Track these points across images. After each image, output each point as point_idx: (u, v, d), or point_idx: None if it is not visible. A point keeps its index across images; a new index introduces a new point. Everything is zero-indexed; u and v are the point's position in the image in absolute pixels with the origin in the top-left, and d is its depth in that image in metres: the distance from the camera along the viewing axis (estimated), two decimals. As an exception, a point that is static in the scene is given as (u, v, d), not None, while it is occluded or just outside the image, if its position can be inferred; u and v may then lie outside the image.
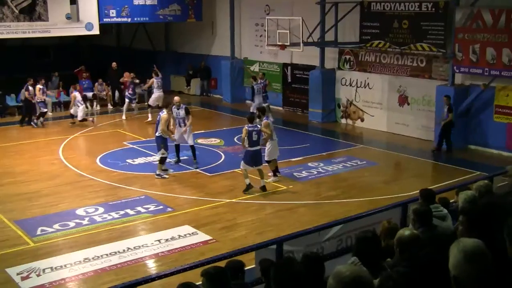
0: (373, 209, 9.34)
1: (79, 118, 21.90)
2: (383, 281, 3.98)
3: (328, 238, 8.11)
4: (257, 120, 14.86)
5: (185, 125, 16.32)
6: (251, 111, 19.93)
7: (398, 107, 20.22)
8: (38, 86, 22.37)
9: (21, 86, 23.45)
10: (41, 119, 22.27)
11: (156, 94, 23.18)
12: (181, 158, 16.91)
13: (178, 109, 16.37)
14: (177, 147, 16.68)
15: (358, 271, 3.39)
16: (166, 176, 15.52)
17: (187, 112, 16.45)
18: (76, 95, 22.01)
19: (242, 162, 14.25)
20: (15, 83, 24.39)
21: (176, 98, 16.88)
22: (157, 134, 15.48)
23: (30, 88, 22.42)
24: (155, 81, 23.28)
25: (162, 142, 15.40)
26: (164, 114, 15.51)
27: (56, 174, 16.07)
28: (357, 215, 8.98)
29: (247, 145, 14.03)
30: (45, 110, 22.61)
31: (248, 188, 14.05)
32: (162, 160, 15.52)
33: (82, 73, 27.48)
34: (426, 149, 18.30)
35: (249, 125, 14.22)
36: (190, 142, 16.46)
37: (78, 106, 21.87)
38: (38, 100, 22.24)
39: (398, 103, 20.26)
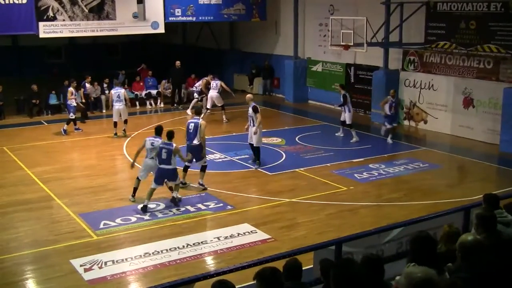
0: (435, 213, 9.18)
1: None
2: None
3: (388, 241, 8.02)
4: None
5: (253, 125, 15.95)
6: (345, 120, 19.39)
7: (463, 109, 19.79)
8: (70, 89, 20.95)
9: (89, 83, 24.15)
10: (65, 126, 20.59)
11: (210, 93, 23.01)
12: (242, 156, 17.06)
13: (249, 107, 16.14)
14: (251, 147, 16.45)
15: (429, 273, 3.37)
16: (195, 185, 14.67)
17: (254, 110, 15.93)
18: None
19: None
20: (84, 80, 25.03)
21: (248, 96, 16.78)
22: (196, 142, 14.38)
23: (87, 85, 22.94)
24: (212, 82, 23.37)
25: (202, 151, 14.51)
26: (203, 121, 14.73)
27: (121, 169, 16.46)
28: (418, 218, 8.85)
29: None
30: (73, 116, 20.76)
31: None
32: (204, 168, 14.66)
33: (144, 71, 27.96)
34: (491, 153, 17.87)
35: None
36: (255, 143, 16.15)
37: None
38: (68, 103, 20.78)
39: (463, 105, 19.83)
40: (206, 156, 14.98)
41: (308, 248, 7.56)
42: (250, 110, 16.02)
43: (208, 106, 22.97)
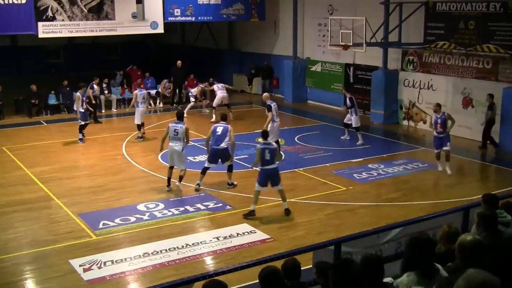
0: (434, 213, 9.19)
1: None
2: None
3: (387, 241, 8.03)
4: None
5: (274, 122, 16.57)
6: (349, 123, 19.14)
7: (462, 109, 19.80)
8: (77, 95, 19.79)
9: (89, 83, 24.09)
10: (80, 135, 19.52)
11: (220, 94, 22.99)
12: (242, 156, 17.10)
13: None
14: (277, 142, 16.53)
15: (489, 277, 3.36)
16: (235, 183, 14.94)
17: (268, 108, 16.65)
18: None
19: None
20: (84, 80, 25.03)
21: (265, 95, 17.50)
22: (224, 145, 14.48)
23: (95, 86, 22.88)
24: (214, 86, 23.32)
25: (229, 153, 14.63)
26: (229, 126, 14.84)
27: (120, 169, 16.45)
28: (417, 218, 8.87)
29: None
30: (83, 122, 19.56)
31: (250, 214, 12.75)
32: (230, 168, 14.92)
33: (134, 71, 27.93)
34: (490, 153, 17.87)
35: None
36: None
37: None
38: (75, 109, 19.84)
39: (462, 105, 19.84)
40: (205, 155, 15.33)
41: (307, 248, 7.57)
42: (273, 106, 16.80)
43: (214, 105, 22.97)
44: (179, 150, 14.24)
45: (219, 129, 14.57)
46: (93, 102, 22.51)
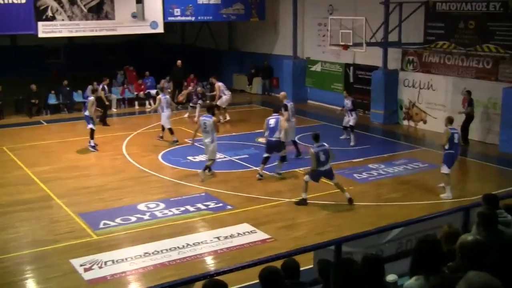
0: (434, 213, 9.18)
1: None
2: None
3: (387, 241, 8.03)
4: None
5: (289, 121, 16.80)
6: (348, 125, 19.10)
7: (462, 109, 19.78)
8: (92, 99, 18.66)
9: (87, 83, 24.10)
10: (92, 141, 18.61)
11: (228, 96, 22.54)
12: (242, 156, 17.14)
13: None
14: (294, 143, 17.36)
15: (490, 279, 3.36)
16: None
17: (284, 108, 16.89)
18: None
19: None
20: (82, 79, 25.04)
21: (282, 94, 17.91)
22: (278, 136, 15.14)
23: (106, 87, 22.82)
24: (221, 84, 22.69)
25: (282, 144, 15.48)
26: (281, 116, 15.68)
27: (120, 169, 16.45)
28: (417, 218, 8.85)
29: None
30: (95, 127, 18.68)
31: (302, 203, 13.39)
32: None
33: (130, 71, 27.93)
34: (491, 153, 17.88)
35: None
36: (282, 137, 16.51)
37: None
38: (86, 114, 18.48)
39: (462, 105, 19.84)
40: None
41: (308, 248, 7.56)
42: (283, 108, 16.92)
43: (224, 106, 22.74)
44: (208, 142, 15.10)
45: (272, 121, 15.29)
46: (107, 103, 22.43)
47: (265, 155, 15.35)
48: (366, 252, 6.62)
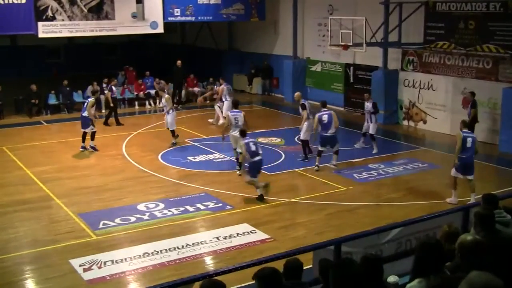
0: (434, 213, 9.18)
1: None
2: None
3: (387, 241, 8.02)
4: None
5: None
6: (368, 133, 18.29)
7: (462, 109, 19.78)
8: (92, 100, 18.58)
9: (88, 83, 24.11)
10: (92, 142, 18.47)
11: (229, 101, 20.33)
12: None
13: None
14: (304, 146, 17.40)
15: (492, 279, 3.35)
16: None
17: (302, 107, 17.24)
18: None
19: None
20: (83, 79, 25.02)
21: (297, 94, 18.20)
22: (332, 131, 15.96)
23: (114, 88, 22.80)
24: (225, 88, 21.51)
25: (337, 138, 16.27)
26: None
27: (120, 169, 16.45)
28: (417, 218, 8.85)
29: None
30: (95, 129, 18.58)
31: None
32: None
33: (130, 72, 27.91)
34: (491, 153, 17.87)
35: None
36: (301, 136, 17.24)
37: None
38: (84, 115, 18.33)
39: (462, 105, 19.84)
40: (205, 155, 16.10)
41: (307, 248, 7.56)
42: (300, 108, 17.37)
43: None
44: (237, 135, 15.14)
45: (325, 117, 15.92)
46: (111, 105, 22.36)
47: (320, 148, 15.94)
48: (366, 252, 6.63)
